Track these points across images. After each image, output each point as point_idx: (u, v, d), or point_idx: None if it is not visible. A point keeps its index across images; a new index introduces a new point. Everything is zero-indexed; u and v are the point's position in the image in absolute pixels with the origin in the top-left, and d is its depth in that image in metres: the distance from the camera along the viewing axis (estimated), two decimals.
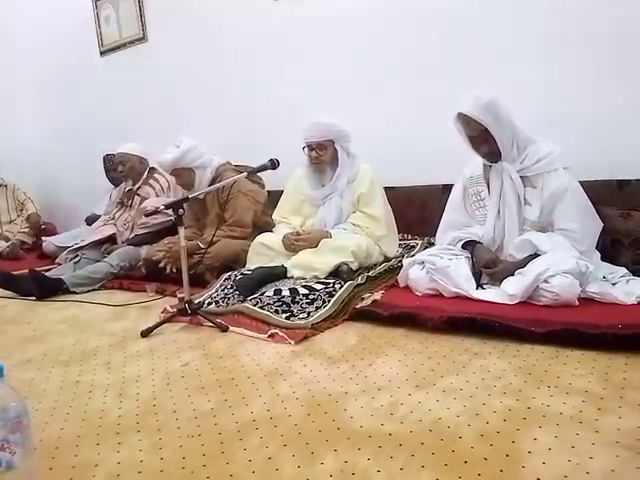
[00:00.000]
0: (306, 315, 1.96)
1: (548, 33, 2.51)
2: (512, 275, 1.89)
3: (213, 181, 2.87)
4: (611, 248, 2.09)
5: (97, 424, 1.30)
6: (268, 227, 2.77)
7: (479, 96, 1.96)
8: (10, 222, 4.50)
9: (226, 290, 2.33)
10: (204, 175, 2.88)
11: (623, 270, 1.95)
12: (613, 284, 1.85)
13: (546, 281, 1.73)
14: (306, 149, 2.52)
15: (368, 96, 3.04)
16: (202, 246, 2.64)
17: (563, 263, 1.75)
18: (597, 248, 1.99)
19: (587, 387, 1.28)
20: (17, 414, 0.91)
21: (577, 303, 1.73)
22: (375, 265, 2.47)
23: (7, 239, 4.27)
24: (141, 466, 1.09)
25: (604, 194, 2.21)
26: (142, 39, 4.26)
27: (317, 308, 2.00)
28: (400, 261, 2.38)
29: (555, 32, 2.49)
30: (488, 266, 1.99)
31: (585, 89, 2.43)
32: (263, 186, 3.08)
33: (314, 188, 2.60)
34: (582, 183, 2.01)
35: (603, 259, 2.01)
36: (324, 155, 2.50)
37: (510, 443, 1.06)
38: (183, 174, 2.85)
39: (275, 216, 2.74)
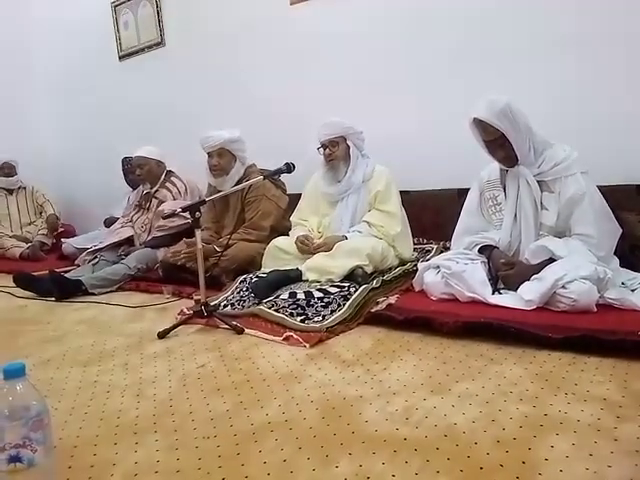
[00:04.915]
0: (321, 318, 1.96)
1: (563, 33, 2.50)
2: (528, 280, 1.87)
3: (240, 181, 2.89)
4: (630, 254, 2.06)
5: (115, 424, 1.31)
6: (287, 232, 2.79)
7: (494, 100, 1.94)
8: (30, 224, 4.57)
9: (242, 293, 2.35)
10: (239, 170, 2.94)
11: None
12: (632, 290, 1.82)
13: (564, 287, 1.72)
14: (321, 149, 2.61)
15: (383, 98, 3.03)
16: (218, 250, 2.66)
17: (581, 269, 1.73)
18: (616, 254, 1.96)
19: (605, 394, 1.26)
20: (38, 412, 0.93)
21: (595, 309, 1.71)
22: (390, 269, 2.47)
23: (27, 240, 4.34)
24: (158, 466, 1.10)
25: (623, 199, 2.18)
26: (160, 44, 4.32)
27: (332, 311, 2.01)
28: (415, 265, 2.38)
29: (570, 32, 2.47)
30: (506, 265, 1.97)
31: (601, 90, 2.41)
32: (285, 191, 3.10)
33: (330, 185, 2.66)
34: (601, 188, 1.99)
35: (622, 265, 1.98)
36: (336, 151, 2.59)
37: (526, 450, 1.05)
38: (226, 156, 2.88)
39: (293, 218, 2.78)
